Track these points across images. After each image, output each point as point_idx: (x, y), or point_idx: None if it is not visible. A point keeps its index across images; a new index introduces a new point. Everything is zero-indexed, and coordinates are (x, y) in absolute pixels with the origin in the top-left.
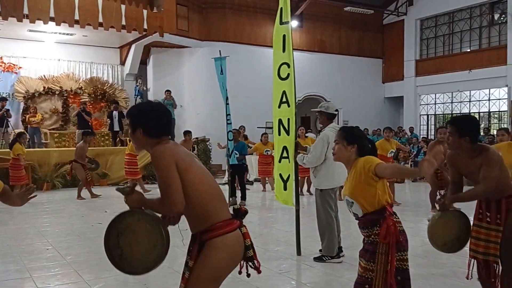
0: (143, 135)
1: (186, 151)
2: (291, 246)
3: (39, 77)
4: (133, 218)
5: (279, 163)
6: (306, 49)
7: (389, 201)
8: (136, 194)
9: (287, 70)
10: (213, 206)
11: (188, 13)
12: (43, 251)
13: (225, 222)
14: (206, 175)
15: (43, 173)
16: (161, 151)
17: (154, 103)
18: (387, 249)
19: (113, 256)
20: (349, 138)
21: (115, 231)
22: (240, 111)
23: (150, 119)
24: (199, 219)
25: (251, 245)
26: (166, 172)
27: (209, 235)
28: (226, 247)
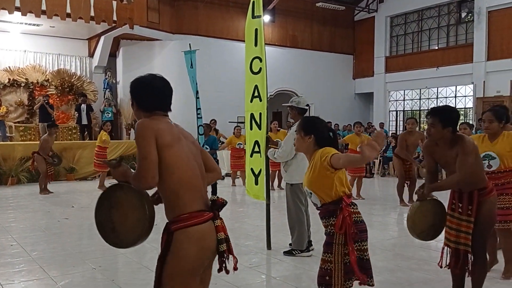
0: (138, 108)
1: (177, 131)
2: (261, 241)
3: (4, 69)
4: (122, 191)
5: (250, 157)
6: (278, 44)
7: (346, 192)
8: (122, 167)
9: (259, 64)
10: (182, 196)
11: (159, 5)
12: (7, 247)
13: (192, 213)
14: (188, 161)
15: (7, 167)
16: (142, 123)
17: (153, 76)
18: (344, 239)
19: (105, 229)
20: (306, 129)
21: (108, 204)
22: (212, 105)
23: (144, 92)
24: (170, 207)
25: (225, 239)
26: (143, 144)
27: (174, 226)
28: (191, 239)
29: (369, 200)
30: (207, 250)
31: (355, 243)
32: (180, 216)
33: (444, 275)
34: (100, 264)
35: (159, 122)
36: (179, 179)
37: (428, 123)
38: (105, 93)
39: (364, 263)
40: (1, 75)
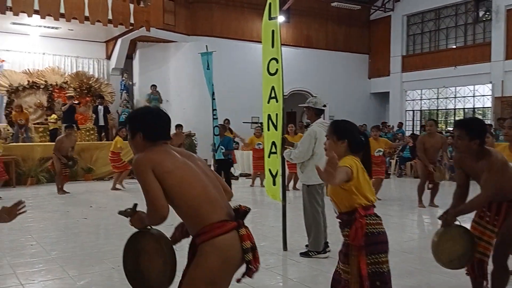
0: (143, 139)
1: (175, 154)
2: (277, 242)
3: (23, 71)
4: (144, 239)
5: (268, 158)
6: (292, 44)
7: (363, 204)
8: (137, 215)
9: (276, 65)
10: (200, 209)
11: (175, 7)
12: (27, 246)
13: (214, 224)
14: (195, 177)
15: (27, 167)
16: (137, 160)
17: (153, 108)
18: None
19: (135, 279)
20: (339, 133)
21: (133, 254)
22: (226, 106)
23: (150, 123)
24: (191, 223)
25: (251, 248)
26: (143, 179)
27: (199, 239)
28: (216, 250)
29: (385, 201)
30: (231, 261)
31: (371, 255)
32: (202, 228)
33: (464, 278)
34: (118, 263)
35: (155, 153)
36: (191, 196)
37: (454, 135)
38: (122, 94)
39: (382, 276)
40: (20, 77)
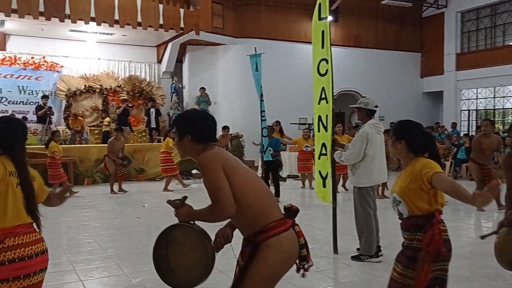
0: (191, 141)
1: (231, 155)
2: (327, 244)
3: (80, 76)
4: (181, 231)
5: (318, 160)
6: (341, 44)
7: (439, 209)
8: (185, 208)
9: (326, 66)
10: (263, 207)
11: (223, 10)
12: (85, 244)
13: (278, 222)
14: (252, 176)
15: (84, 168)
16: (208, 156)
17: (200, 111)
18: (428, 257)
19: (161, 266)
20: (397, 134)
21: (164, 242)
22: (274, 107)
23: (198, 126)
24: (251, 221)
25: (305, 244)
26: (215, 176)
27: (263, 236)
28: (282, 247)
29: None
30: (292, 257)
31: (439, 262)
32: (267, 225)
33: None
34: None
35: (218, 151)
36: (254, 194)
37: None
38: (172, 97)
39: (444, 284)
40: (77, 82)
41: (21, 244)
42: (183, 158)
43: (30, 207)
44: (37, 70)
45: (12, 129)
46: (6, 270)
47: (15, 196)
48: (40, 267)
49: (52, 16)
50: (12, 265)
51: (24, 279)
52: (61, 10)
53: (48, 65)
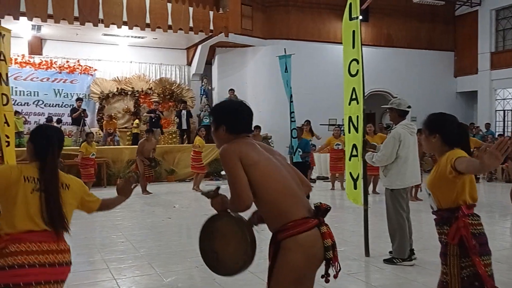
0: (226, 132)
1: (259, 148)
2: (358, 247)
3: (113, 79)
4: (221, 221)
5: (349, 161)
6: (371, 43)
7: (467, 202)
8: (219, 198)
9: (356, 66)
10: (283, 204)
11: (252, 12)
12: (118, 243)
13: (297, 221)
14: (278, 171)
15: (116, 169)
16: (226, 148)
17: (237, 101)
18: (459, 251)
19: (209, 259)
20: (430, 128)
21: (208, 235)
22: (303, 108)
23: (234, 117)
24: (272, 218)
25: (331, 246)
26: (231, 168)
27: (282, 235)
28: (300, 247)
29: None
30: (314, 258)
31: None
32: (285, 225)
33: None
34: (201, 263)
35: (241, 144)
36: (274, 190)
37: None
38: (202, 99)
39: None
40: (110, 84)
41: (24, 252)
42: (219, 148)
43: (50, 215)
44: (72, 74)
45: (47, 138)
46: (5, 275)
47: (27, 202)
48: (47, 278)
49: (86, 21)
50: (11, 271)
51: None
52: (95, 15)
53: (82, 68)
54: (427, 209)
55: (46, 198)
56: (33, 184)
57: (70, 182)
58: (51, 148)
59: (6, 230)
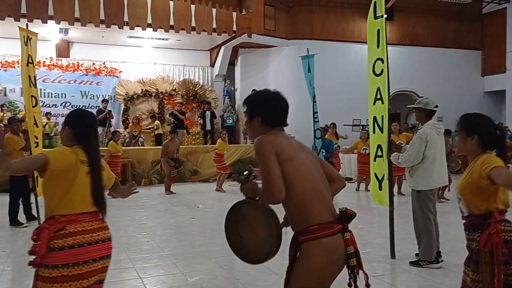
0: (261, 124)
1: (294, 144)
2: (384, 249)
3: (138, 80)
4: (248, 207)
5: (374, 162)
6: (396, 42)
7: (499, 208)
8: (250, 183)
9: (381, 65)
10: (309, 206)
11: (275, 12)
12: (143, 243)
13: (321, 225)
14: (309, 171)
15: (141, 169)
16: (262, 140)
17: (273, 92)
18: (491, 259)
19: (234, 243)
20: (468, 129)
21: (235, 219)
22: (326, 108)
23: (270, 108)
24: (296, 218)
25: (354, 253)
26: (265, 160)
27: (303, 238)
28: (321, 252)
29: None
30: (335, 264)
31: (506, 265)
32: (309, 227)
33: None
34: (225, 263)
35: (278, 137)
36: (303, 189)
37: None
38: (225, 100)
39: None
40: (135, 86)
41: (81, 231)
42: (252, 139)
43: (97, 196)
44: (98, 76)
45: (87, 121)
46: (65, 255)
47: (84, 184)
48: (100, 254)
49: (112, 23)
50: (71, 250)
51: (84, 265)
52: (120, 17)
53: (108, 70)
54: (454, 211)
55: (95, 180)
56: (86, 167)
57: (103, 163)
58: (92, 131)
59: (62, 211)
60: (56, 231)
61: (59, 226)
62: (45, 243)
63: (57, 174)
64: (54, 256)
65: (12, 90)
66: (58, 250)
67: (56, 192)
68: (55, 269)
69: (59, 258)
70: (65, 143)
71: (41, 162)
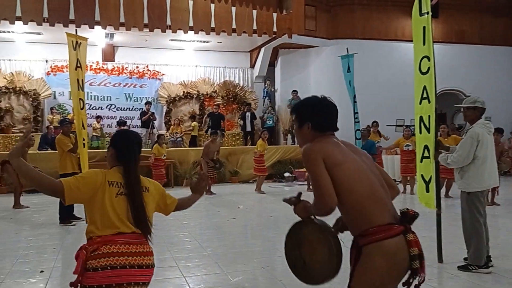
0: (311, 130)
1: (344, 147)
2: (431, 253)
3: (179, 83)
4: (307, 228)
5: (420, 163)
6: (441, 40)
7: None
8: (302, 204)
9: (428, 64)
10: (368, 208)
11: (316, 12)
12: (186, 242)
13: (381, 227)
14: (363, 173)
15: (182, 170)
16: (308, 148)
17: (322, 98)
18: None
19: (297, 267)
20: None
21: (294, 242)
22: (368, 108)
23: (319, 113)
24: (354, 222)
25: (418, 255)
26: (314, 169)
27: (364, 240)
28: (384, 254)
29: None
30: (397, 267)
31: None
32: (368, 230)
33: None
34: (267, 264)
35: (325, 143)
36: (359, 193)
37: None
38: (264, 101)
39: None
40: (177, 88)
41: (116, 253)
42: (302, 146)
43: (138, 218)
44: (141, 79)
45: (129, 143)
46: (99, 276)
47: (113, 205)
48: (136, 279)
49: (155, 27)
50: (104, 272)
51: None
52: (163, 21)
53: (151, 73)
54: (505, 214)
55: (131, 202)
56: (116, 188)
57: (150, 185)
58: (133, 153)
59: (97, 233)
60: (92, 251)
61: (95, 246)
62: (81, 263)
63: (81, 200)
64: (89, 276)
65: (61, 93)
66: (92, 270)
67: (92, 213)
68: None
69: (94, 278)
70: (109, 163)
71: (56, 190)
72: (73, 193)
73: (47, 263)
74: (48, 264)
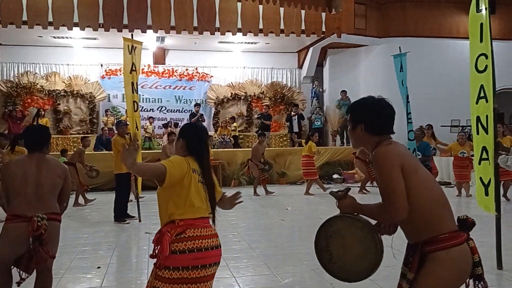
0: (364, 131)
1: (409, 151)
2: (489, 259)
3: (227, 84)
4: (343, 222)
5: (478, 165)
6: (499, 37)
7: None
8: (348, 199)
9: (485, 61)
10: (437, 215)
11: (366, 11)
12: (235, 243)
13: (451, 234)
14: (431, 179)
15: (230, 171)
16: (386, 152)
17: (378, 98)
18: None
19: (322, 258)
20: None
21: (324, 234)
22: (421, 109)
23: (373, 115)
24: (421, 228)
25: (479, 261)
26: (390, 175)
27: (432, 247)
28: (452, 262)
29: None
30: (464, 274)
31: None
32: (438, 236)
33: None
34: (317, 266)
35: (398, 148)
36: (432, 199)
37: None
38: (312, 101)
39: None
40: (225, 90)
41: (199, 236)
42: (356, 148)
43: (212, 203)
44: (190, 81)
45: (200, 135)
46: (185, 258)
47: (198, 190)
48: (215, 260)
49: (204, 30)
50: (191, 254)
51: (201, 269)
52: (212, 23)
53: (200, 75)
54: None
55: (209, 188)
56: (197, 175)
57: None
58: (204, 144)
59: (181, 216)
60: (177, 234)
61: (179, 230)
62: (168, 246)
63: (174, 182)
64: (175, 258)
65: (115, 96)
66: (179, 253)
67: (174, 198)
68: (175, 271)
69: (180, 260)
70: (178, 154)
71: (160, 172)
72: (171, 176)
73: (103, 260)
74: (104, 260)
